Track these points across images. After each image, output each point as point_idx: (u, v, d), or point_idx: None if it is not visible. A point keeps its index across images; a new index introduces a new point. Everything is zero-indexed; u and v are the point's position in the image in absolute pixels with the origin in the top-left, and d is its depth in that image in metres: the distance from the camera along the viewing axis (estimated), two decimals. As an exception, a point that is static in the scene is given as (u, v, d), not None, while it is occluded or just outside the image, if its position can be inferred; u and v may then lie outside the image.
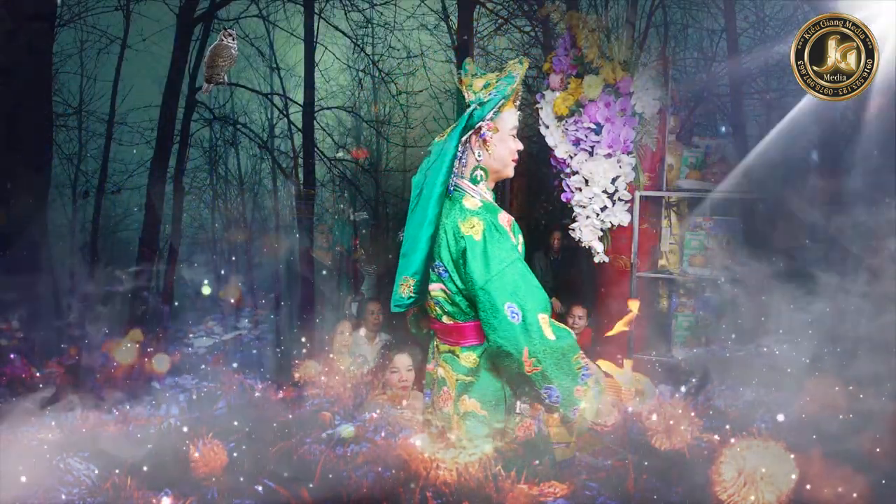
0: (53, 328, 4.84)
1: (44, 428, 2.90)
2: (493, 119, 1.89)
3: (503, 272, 1.73)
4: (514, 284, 1.73)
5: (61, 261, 5.97)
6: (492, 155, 1.91)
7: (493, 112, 1.87)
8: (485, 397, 1.87)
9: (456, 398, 1.91)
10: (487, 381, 1.88)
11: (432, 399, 1.98)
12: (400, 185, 9.84)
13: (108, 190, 6.79)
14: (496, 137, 1.90)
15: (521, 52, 8.29)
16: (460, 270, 1.81)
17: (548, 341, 1.69)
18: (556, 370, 1.68)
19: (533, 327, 1.69)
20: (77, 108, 7.02)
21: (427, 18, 7.69)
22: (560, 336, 1.72)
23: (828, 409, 2.46)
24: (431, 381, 1.99)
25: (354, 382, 3.48)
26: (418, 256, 1.86)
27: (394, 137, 9.14)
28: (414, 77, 8.45)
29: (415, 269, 1.87)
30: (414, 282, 1.87)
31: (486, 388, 1.87)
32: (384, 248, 7.91)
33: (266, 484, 2.18)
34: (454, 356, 1.91)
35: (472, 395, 1.88)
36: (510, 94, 1.89)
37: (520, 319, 1.70)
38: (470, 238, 1.78)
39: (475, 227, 1.80)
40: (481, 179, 1.93)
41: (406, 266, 1.90)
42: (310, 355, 4.27)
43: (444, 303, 1.91)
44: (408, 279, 1.89)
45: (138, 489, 2.13)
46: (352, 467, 2.35)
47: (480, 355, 1.88)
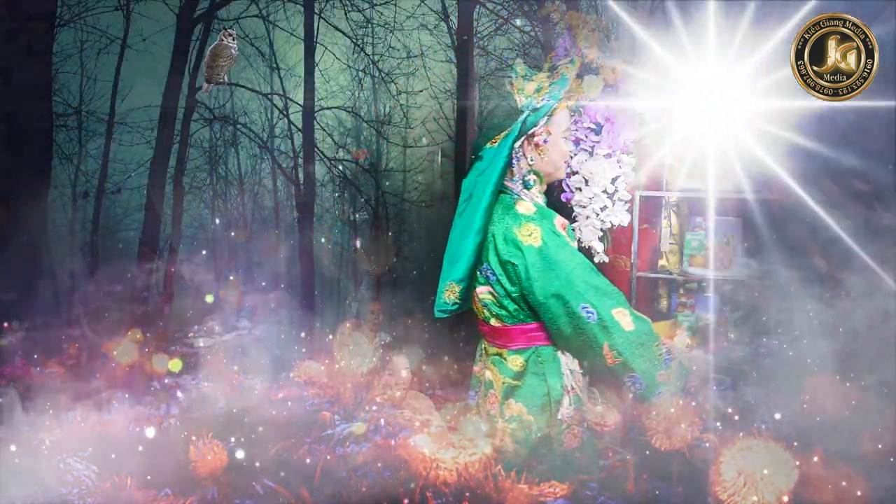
0: (53, 328, 4.84)
1: (44, 428, 2.90)
2: (546, 123, 1.88)
3: (571, 274, 1.75)
4: (585, 284, 1.74)
5: (61, 261, 5.97)
6: (544, 159, 1.91)
7: (546, 116, 1.87)
8: (530, 402, 1.87)
9: (502, 401, 1.91)
10: (534, 386, 1.88)
11: (477, 401, 1.98)
12: (400, 185, 9.84)
13: (108, 190, 6.79)
14: (549, 141, 1.89)
15: (521, 53, 8.29)
16: (512, 276, 1.80)
17: (626, 333, 1.72)
18: (637, 359, 1.71)
19: (609, 322, 1.72)
20: (77, 108, 7.02)
21: (427, 18, 7.69)
22: (638, 326, 1.73)
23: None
24: (478, 382, 1.99)
25: (354, 382, 3.48)
26: (465, 264, 1.86)
27: (394, 137, 9.13)
28: (414, 77, 8.45)
29: (461, 276, 1.88)
30: (459, 288, 1.87)
31: (532, 393, 1.87)
32: (384, 248, 7.92)
33: (266, 484, 2.18)
34: (502, 359, 1.91)
35: (518, 399, 1.88)
36: (563, 98, 1.89)
37: (596, 318, 1.73)
38: (530, 247, 1.79)
39: (533, 233, 1.80)
40: (534, 184, 1.93)
41: (451, 272, 1.90)
42: (310, 355, 4.27)
43: (491, 305, 1.91)
44: (453, 285, 1.89)
45: (138, 489, 2.13)
46: (352, 467, 2.35)
47: (528, 359, 1.88)
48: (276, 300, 6.87)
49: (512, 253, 1.80)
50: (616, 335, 1.71)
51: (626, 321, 1.73)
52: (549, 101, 1.86)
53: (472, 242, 1.83)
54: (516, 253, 1.79)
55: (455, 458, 2.26)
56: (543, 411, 1.88)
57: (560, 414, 1.87)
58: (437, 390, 3.68)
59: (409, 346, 3.55)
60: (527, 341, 1.86)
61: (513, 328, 1.88)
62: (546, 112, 1.86)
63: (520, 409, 1.89)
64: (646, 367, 1.72)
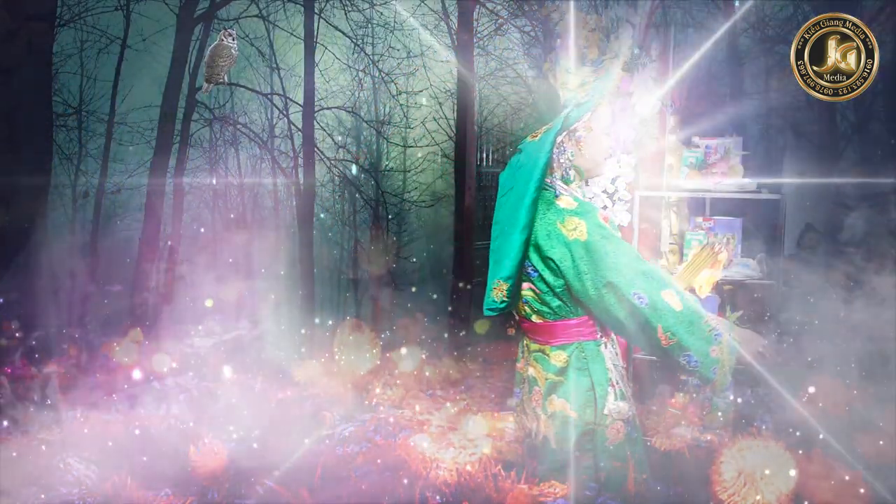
0: (53, 328, 4.83)
1: (44, 428, 2.90)
2: (588, 118, 1.87)
3: (619, 263, 1.76)
4: (634, 272, 1.75)
5: (61, 261, 5.97)
6: (585, 154, 1.90)
7: (588, 111, 1.86)
8: (574, 398, 1.86)
9: (545, 398, 1.90)
10: (577, 382, 1.87)
11: (521, 398, 1.97)
12: (400, 185, 9.84)
13: (108, 190, 6.79)
14: (590, 137, 1.88)
15: (521, 53, 8.29)
16: (556, 271, 1.81)
17: (677, 314, 1.73)
18: (689, 337, 1.72)
19: (660, 305, 1.73)
20: (77, 108, 7.02)
21: (427, 18, 7.69)
22: (687, 305, 1.75)
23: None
24: (521, 379, 1.98)
25: (354, 382, 3.48)
26: (511, 261, 1.85)
27: (394, 137, 9.13)
28: (414, 77, 8.44)
29: (508, 274, 1.86)
30: (507, 286, 1.87)
31: (575, 389, 1.86)
32: (384, 248, 7.91)
33: (266, 484, 2.18)
34: (544, 355, 1.91)
35: (561, 395, 1.87)
36: (607, 93, 1.88)
37: (647, 302, 1.73)
38: (576, 241, 1.78)
39: (578, 227, 1.80)
40: (573, 179, 1.92)
41: (498, 270, 1.89)
42: (310, 355, 4.27)
43: (532, 302, 1.91)
44: (500, 283, 1.88)
45: (138, 489, 2.13)
46: (352, 467, 2.35)
47: (571, 354, 1.87)
48: (276, 300, 6.87)
49: (557, 248, 1.79)
50: (668, 316, 1.72)
51: (675, 301, 1.74)
52: (592, 95, 1.86)
53: (517, 239, 1.82)
54: (562, 248, 1.79)
55: (455, 458, 2.26)
56: (587, 406, 1.86)
57: (606, 409, 1.86)
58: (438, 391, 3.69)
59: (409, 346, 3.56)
60: (569, 337, 1.86)
61: (555, 324, 1.89)
62: (589, 108, 1.85)
63: (563, 405, 1.87)
64: (699, 344, 1.72)
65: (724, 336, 1.74)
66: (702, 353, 1.72)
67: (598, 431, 1.86)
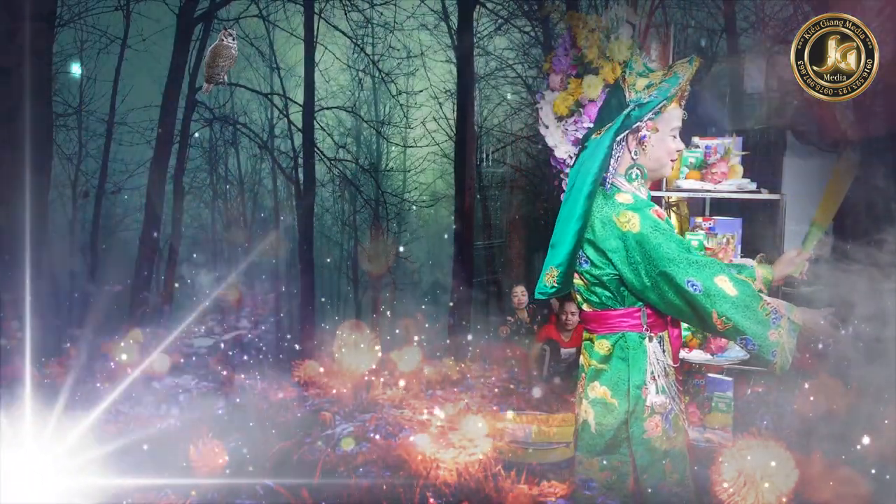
0: (53, 328, 4.84)
1: (43, 428, 2.90)
2: (654, 119, 1.91)
3: (672, 253, 1.80)
4: (686, 261, 1.80)
5: (61, 261, 5.97)
6: (648, 154, 1.94)
7: (653, 112, 1.90)
8: (615, 386, 1.90)
9: (587, 383, 1.95)
10: (618, 370, 1.91)
11: (578, 385, 2.03)
12: (400, 185, 9.85)
13: (108, 190, 6.79)
14: (655, 137, 1.92)
15: (521, 53, 8.29)
16: (607, 262, 1.88)
17: (731, 298, 1.77)
18: (745, 321, 1.76)
19: (714, 290, 1.77)
20: (77, 108, 7.03)
21: (427, 18, 7.70)
22: (741, 290, 1.78)
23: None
24: (579, 367, 2.05)
25: (355, 382, 3.48)
26: (564, 249, 1.93)
27: (394, 137, 9.15)
28: (414, 77, 8.46)
29: (560, 261, 1.94)
30: (558, 273, 1.95)
31: (616, 377, 1.91)
32: (384, 248, 7.92)
33: (266, 484, 2.18)
34: (591, 343, 1.98)
35: (603, 382, 1.92)
36: (673, 96, 1.92)
37: (701, 289, 1.78)
38: (629, 233, 1.84)
39: (631, 220, 1.84)
40: (636, 178, 1.96)
41: (553, 256, 1.98)
42: (310, 355, 4.27)
43: (583, 290, 1.98)
44: (553, 269, 1.97)
45: (138, 489, 2.13)
46: (352, 467, 2.35)
47: (614, 343, 1.92)
48: (276, 300, 6.87)
49: (611, 240, 1.85)
50: (721, 302, 1.75)
51: (728, 287, 1.78)
52: (656, 96, 1.90)
53: (572, 228, 1.90)
54: (616, 240, 1.85)
55: (455, 458, 2.26)
56: (627, 396, 1.89)
57: (648, 401, 1.88)
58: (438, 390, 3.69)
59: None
60: (613, 327, 1.92)
61: (602, 313, 1.95)
62: (652, 108, 1.89)
63: (604, 392, 1.91)
64: (755, 327, 1.76)
65: (784, 319, 1.77)
66: (759, 337, 1.76)
67: (636, 422, 1.90)
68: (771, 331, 1.76)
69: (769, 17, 6.89)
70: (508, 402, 3.45)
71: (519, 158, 8.37)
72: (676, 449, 1.91)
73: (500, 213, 8.34)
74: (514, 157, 8.36)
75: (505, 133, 8.42)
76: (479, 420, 2.46)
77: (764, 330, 1.76)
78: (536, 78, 7.90)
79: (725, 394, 2.96)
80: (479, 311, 7.09)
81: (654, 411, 1.88)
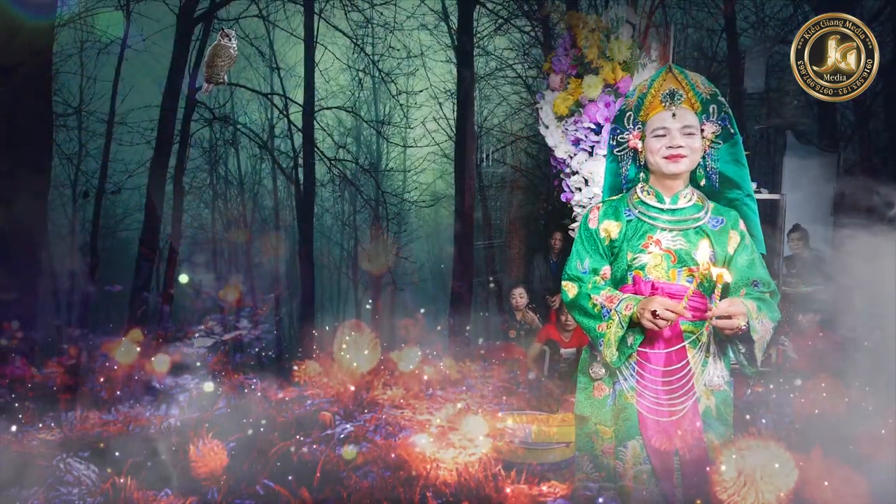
0: (53, 328, 4.84)
1: (44, 428, 2.91)
2: (640, 129, 2.02)
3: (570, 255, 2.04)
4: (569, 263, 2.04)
5: (61, 261, 5.97)
6: (646, 154, 2.04)
7: (632, 124, 2.01)
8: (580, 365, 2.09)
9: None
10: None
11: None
12: (400, 185, 9.84)
13: (108, 190, 6.78)
14: (645, 145, 2.02)
15: (521, 53, 8.29)
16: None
17: (568, 298, 1.99)
18: (581, 318, 1.98)
19: (563, 294, 2.02)
20: (77, 108, 7.03)
21: (427, 18, 7.70)
22: (579, 291, 1.98)
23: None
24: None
25: (355, 382, 3.48)
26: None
27: (394, 137, 9.14)
28: (414, 77, 8.46)
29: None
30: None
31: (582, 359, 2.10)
32: (384, 248, 7.92)
33: (266, 484, 2.18)
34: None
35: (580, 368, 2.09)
36: (637, 106, 2.02)
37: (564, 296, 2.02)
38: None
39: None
40: (641, 180, 2.07)
41: None
42: (310, 355, 4.27)
43: None
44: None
45: (138, 489, 2.13)
46: (352, 467, 2.35)
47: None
48: (276, 300, 6.87)
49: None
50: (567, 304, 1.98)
51: (570, 290, 2.00)
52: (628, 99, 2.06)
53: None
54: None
55: (455, 458, 2.26)
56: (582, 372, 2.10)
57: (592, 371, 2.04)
58: (438, 389, 3.69)
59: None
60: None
61: None
62: (628, 109, 2.08)
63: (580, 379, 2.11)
64: (588, 322, 1.95)
65: (613, 313, 1.92)
66: (590, 330, 1.94)
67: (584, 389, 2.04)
68: (601, 324, 1.93)
69: (769, 17, 6.89)
70: (508, 403, 3.45)
71: (519, 158, 8.37)
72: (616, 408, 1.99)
73: (500, 213, 8.33)
74: (514, 157, 8.36)
75: (505, 133, 8.41)
76: (479, 420, 2.46)
77: (594, 323, 1.94)
78: (536, 78, 7.90)
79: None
80: (478, 310, 7.09)
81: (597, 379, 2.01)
